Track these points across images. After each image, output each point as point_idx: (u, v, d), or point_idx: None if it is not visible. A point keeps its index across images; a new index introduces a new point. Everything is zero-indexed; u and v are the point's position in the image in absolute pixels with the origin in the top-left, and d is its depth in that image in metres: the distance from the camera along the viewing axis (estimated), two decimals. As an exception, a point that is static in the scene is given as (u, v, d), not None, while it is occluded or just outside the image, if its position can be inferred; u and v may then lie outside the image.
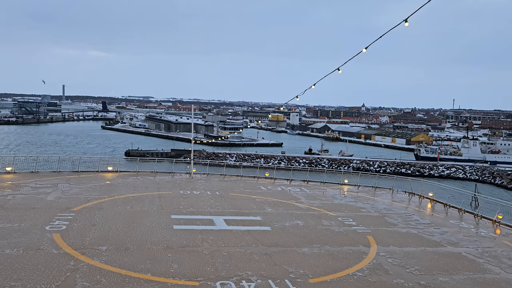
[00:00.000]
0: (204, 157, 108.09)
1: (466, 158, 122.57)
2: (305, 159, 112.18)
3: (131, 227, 18.29)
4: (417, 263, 15.93)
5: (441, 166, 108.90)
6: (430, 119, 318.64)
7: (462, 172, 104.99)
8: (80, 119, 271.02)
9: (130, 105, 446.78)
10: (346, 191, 32.46)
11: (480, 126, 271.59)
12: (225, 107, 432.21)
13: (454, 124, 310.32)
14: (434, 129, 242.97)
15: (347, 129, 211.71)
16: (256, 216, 21.77)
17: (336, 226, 20.84)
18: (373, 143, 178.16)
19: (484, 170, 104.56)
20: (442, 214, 25.94)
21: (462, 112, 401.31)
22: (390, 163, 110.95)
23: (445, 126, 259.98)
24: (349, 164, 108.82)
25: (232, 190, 29.08)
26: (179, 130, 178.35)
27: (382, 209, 25.94)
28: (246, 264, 14.62)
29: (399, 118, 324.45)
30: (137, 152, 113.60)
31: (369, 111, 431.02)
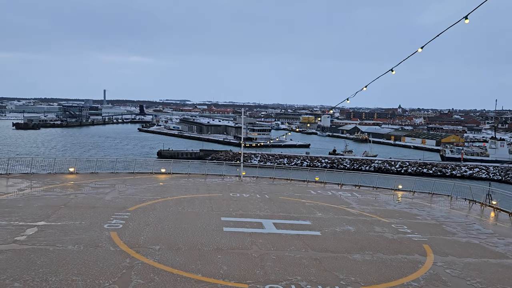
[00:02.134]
0: (230, 156, 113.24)
1: (493, 159, 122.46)
2: (327, 159, 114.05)
3: (182, 227, 18.76)
4: (478, 275, 14.91)
5: (464, 166, 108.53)
6: (467, 120, 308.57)
7: (486, 172, 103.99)
8: (119, 122, 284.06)
9: (166, 108, 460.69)
10: (400, 197, 31.21)
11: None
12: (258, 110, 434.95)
13: (493, 125, 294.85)
14: (471, 131, 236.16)
15: (377, 130, 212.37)
16: (305, 221, 21.50)
17: (389, 233, 20.06)
18: (403, 144, 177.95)
19: (508, 171, 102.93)
20: (507, 223, 24.16)
21: (506, 113, 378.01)
22: (412, 163, 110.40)
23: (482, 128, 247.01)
24: (371, 164, 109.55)
25: (281, 194, 28.98)
26: (210, 132, 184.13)
27: (440, 217, 24.63)
28: (295, 268, 14.44)
29: (434, 120, 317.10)
30: (168, 152, 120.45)
31: (405, 112, 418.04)
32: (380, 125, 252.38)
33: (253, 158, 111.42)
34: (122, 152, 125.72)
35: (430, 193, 33.11)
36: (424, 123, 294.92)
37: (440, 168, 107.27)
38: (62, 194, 24.60)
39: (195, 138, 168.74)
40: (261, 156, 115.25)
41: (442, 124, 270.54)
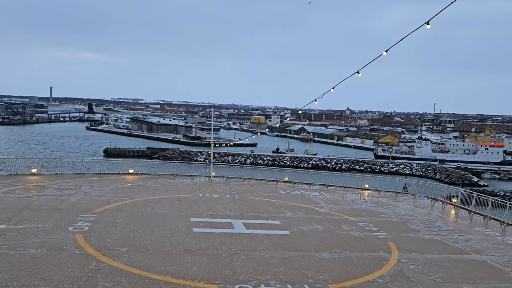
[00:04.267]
0: (177, 154, 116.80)
1: (419, 157, 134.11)
2: (269, 157, 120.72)
3: (151, 229, 18.49)
4: (440, 270, 15.54)
5: (392, 163, 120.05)
6: (406, 122, 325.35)
7: (410, 168, 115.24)
8: (66, 120, 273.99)
9: (117, 107, 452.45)
10: (366, 196, 32.00)
11: (452, 129, 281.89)
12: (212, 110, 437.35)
13: (429, 127, 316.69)
14: (408, 132, 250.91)
15: (322, 131, 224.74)
16: (275, 220, 21.68)
17: (356, 231, 20.55)
18: (344, 144, 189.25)
19: (428, 167, 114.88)
20: (466, 220, 25.27)
21: (442, 116, 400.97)
22: (346, 160, 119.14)
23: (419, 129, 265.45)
24: (309, 161, 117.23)
25: (251, 194, 29.08)
26: (161, 131, 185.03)
27: (404, 215, 25.45)
28: (265, 268, 14.56)
29: (377, 121, 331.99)
30: (115, 150, 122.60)
31: (353, 114, 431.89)
32: (326, 126, 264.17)
33: (198, 156, 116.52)
34: (70, 151, 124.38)
35: (395, 192, 34.14)
36: (368, 124, 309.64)
37: (370, 165, 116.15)
38: (24, 196, 23.67)
39: (144, 137, 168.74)
40: (207, 154, 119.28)
41: (383, 126, 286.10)
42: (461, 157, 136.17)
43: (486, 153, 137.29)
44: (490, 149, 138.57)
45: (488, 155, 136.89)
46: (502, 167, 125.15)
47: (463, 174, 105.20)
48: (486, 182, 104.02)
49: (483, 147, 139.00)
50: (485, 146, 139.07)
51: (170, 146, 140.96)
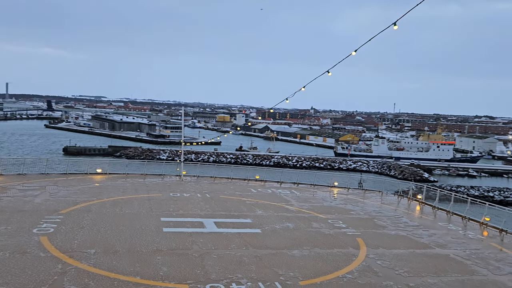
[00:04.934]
0: (139, 153, 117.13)
1: (376, 155, 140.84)
2: (232, 155, 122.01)
3: (120, 229, 18.13)
4: (406, 265, 16.05)
5: (350, 160, 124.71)
6: (367, 121, 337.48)
7: (367, 166, 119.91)
8: (24, 118, 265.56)
9: (79, 104, 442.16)
10: (336, 193, 32.59)
11: (410, 128, 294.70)
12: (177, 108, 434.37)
13: (389, 126, 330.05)
14: (369, 131, 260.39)
15: (286, 129, 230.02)
16: (246, 219, 21.74)
17: (326, 228, 20.91)
18: (307, 142, 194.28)
19: (384, 164, 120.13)
20: (430, 216, 26.18)
21: (401, 116, 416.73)
22: (307, 158, 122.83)
23: (378, 128, 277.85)
24: (271, 159, 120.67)
25: (222, 193, 29.01)
26: (123, 129, 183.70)
27: (372, 212, 26.10)
28: (236, 266, 14.58)
29: (339, 120, 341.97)
30: (74, 148, 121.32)
31: (317, 113, 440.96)
32: (290, 125, 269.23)
33: (161, 154, 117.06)
34: (28, 149, 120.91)
35: (363, 189, 34.94)
36: (330, 123, 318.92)
37: (330, 163, 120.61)
38: None
39: (106, 135, 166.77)
40: (170, 152, 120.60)
41: (345, 125, 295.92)
42: (415, 154, 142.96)
43: (438, 151, 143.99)
44: (441, 147, 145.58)
45: (440, 152, 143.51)
46: (452, 163, 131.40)
47: (415, 171, 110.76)
48: (436, 178, 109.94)
49: (435, 145, 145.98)
50: (436, 144, 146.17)
51: (133, 144, 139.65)
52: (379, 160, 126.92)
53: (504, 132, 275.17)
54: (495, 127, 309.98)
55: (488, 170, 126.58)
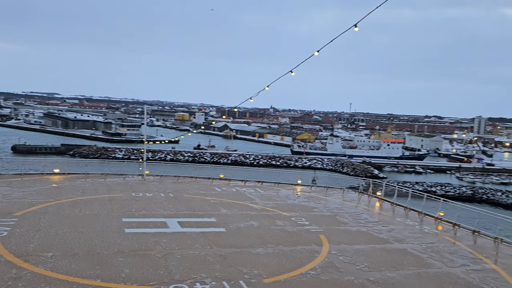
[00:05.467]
0: (94, 151, 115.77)
1: (330, 152, 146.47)
2: (190, 153, 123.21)
3: (79, 231, 17.54)
4: (366, 260, 16.55)
5: (305, 158, 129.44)
6: (324, 121, 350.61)
7: (321, 163, 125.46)
8: None
9: (29, 101, 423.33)
10: (299, 191, 33.06)
11: (364, 127, 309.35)
12: (135, 106, 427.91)
13: (345, 125, 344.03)
14: (326, 129, 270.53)
15: (245, 128, 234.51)
16: (210, 218, 21.65)
17: (289, 226, 21.18)
18: (265, 140, 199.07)
19: (337, 162, 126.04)
20: (389, 212, 27.12)
21: (357, 115, 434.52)
22: (264, 156, 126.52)
23: (334, 127, 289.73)
24: (228, 157, 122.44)
25: (186, 192, 28.71)
26: (77, 127, 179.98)
27: (334, 208, 26.70)
28: (200, 266, 14.50)
29: (298, 119, 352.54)
30: (24, 147, 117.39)
31: (276, 112, 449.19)
32: (249, 124, 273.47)
33: (117, 153, 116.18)
34: None
35: (325, 187, 35.67)
36: (289, 122, 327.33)
37: (286, 160, 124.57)
38: None
39: (59, 133, 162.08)
40: (126, 150, 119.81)
41: (303, 124, 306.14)
42: (367, 152, 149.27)
43: (388, 149, 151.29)
44: (391, 145, 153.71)
45: (390, 150, 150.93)
46: (400, 161, 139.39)
47: (366, 168, 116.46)
48: (385, 174, 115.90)
49: (385, 143, 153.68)
50: (387, 143, 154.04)
51: (87, 143, 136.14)
52: (333, 158, 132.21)
53: (450, 131, 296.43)
54: (442, 127, 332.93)
55: (433, 167, 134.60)
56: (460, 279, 15.28)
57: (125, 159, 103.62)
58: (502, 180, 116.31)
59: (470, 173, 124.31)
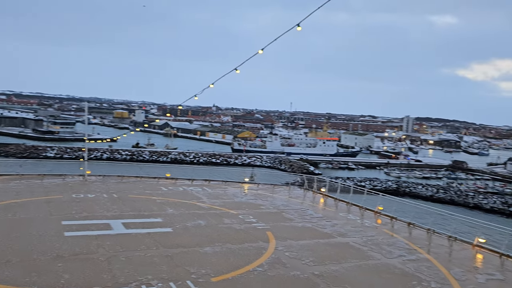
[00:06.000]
0: (22, 150, 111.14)
1: (270, 150, 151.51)
2: (128, 152, 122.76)
3: (13, 237, 16.43)
4: (311, 254, 17.08)
5: (245, 156, 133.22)
6: (265, 119, 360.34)
7: (260, 161, 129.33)
8: None
9: None
10: (246, 189, 33.30)
11: (304, 126, 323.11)
12: (70, 103, 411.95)
13: (285, 124, 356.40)
14: (267, 128, 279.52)
15: (186, 126, 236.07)
16: (156, 218, 21.20)
17: (237, 224, 21.30)
18: (206, 139, 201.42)
19: (276, 159, 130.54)
20: (333, 207, 28.13)
21: (297, 114, 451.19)
22: (204, 154, 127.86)
23: (275, 126, 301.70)
24: (168, 155, 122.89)
25: (131, 192, 27.85)
26: (5, 125, 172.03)
27: (280, 205, 27.21)
28: (146, 268, 14.17)
29: (240, 118, 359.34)
30: None
31: (219, 110, 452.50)
32: (191, 122, 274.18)
33: (48, 151, 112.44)
34: None
35: (272, 185, 36.22)
36: (231, 120, 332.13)
37: (226, 158, 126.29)
38: None
39: None
40: (58, 149, 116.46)
41: (245, 122, 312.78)
42: (304, 150, 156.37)
43: (324, 146, 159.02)
44: (327, 142, 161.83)
45: (325, 148, 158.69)
46: (335, 158, 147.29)
47: (303, 165, 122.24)
48: (321, 171, 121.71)
49: (321, 141, 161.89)
50: (322, 141, 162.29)
51: (15, 141, 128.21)
52: (272, 155, 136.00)
53: (382, 130, 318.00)
54: (375, 126, 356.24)
55: (364, 163, 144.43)
56: (398, 269, 16.24)
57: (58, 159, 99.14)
58: (424, 174, 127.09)
59: (396, 169, 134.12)
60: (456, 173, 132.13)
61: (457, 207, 78.00)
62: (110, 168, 36.21)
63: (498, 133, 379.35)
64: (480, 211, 77.91)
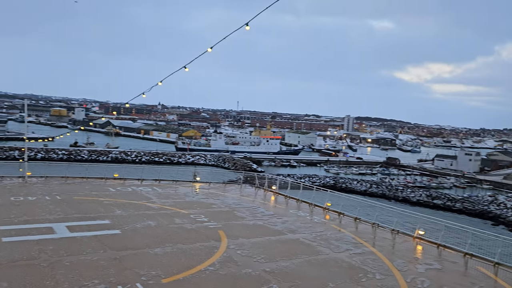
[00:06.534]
0: None
1: (214, 149, 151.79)
2: (64, 151, 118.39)
3: None
4: (262, 252, 17.29)
5: (189, 154, 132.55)
6: (212, 118, 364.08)
7: (204, 159, 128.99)
8: None
9: None
10: (198, 188, 33.02)
11: (250, 124, 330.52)
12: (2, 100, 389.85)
13: (231, 122, 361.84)
14: (213, 127, 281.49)
15: (129, 124, 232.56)
16: (104, 220, 20.46)
17: (188, 223, 21.08)
18: (150, 137, 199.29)
19: (220, 158, 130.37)
20: (283, 205, 28.63)
21: (244, 113, 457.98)
22: (146, 153, 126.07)
23: (222, 125, 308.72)
24: (108, 154, 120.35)
25: (76, 194, 26.63)
26: None
27: (232, 204, 27.27)
28: (92, 272, 13.65)
29: (186, 116, 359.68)
30: None
31: (165, 109, 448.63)
32: (135, 120, 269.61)
33: None
34: None
35: (223, 183, 36.20)
36: (177, 119, 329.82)
37: (169, 157, 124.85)
38: None
39: None
40: None
41: (191, 121, 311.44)
42: (248, 148, 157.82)
43: (267, 145, 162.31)
44: (270, 141, 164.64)
45: (269, 146, 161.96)
46: (278, 156, 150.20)
47: (246, 163, 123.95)
48: (264, 168, 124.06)
49: (265, 139, 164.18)
50: (266, 139, 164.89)
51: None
52: (216, 154, 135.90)
53: (325, 128, 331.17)
54: (318, 125, 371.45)
55: (306, 160, 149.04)
56: (345, 262, 16.88)
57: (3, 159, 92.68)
58: (360, 171, 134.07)
59: (335, 166, 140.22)
60: (390, 169, 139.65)
61: (389, 200, 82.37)
62: (53, 168, 34.29)
63: (429, 132, 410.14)
64: (408, 204, 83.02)
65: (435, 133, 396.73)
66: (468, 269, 17.35)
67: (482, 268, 17.39)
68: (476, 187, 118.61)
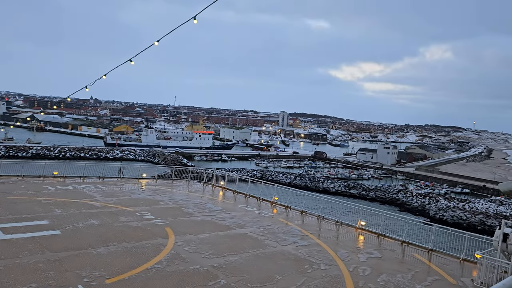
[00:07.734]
0: None
1: (145, 144, 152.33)
2: None
3: None
4: (211, 247, 17.26)
5: (117, 150, 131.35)
6: (147, 113, 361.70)
7: (133, 154, 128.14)
8: None
9: None
10: (144, 185, 32.16)
11: (186, 120, 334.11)
12: None
13: (167, 118, 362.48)
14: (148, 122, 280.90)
15: (56, 119, 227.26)
16: (42, 220, 19.32)
17: (134, 221, 20.51)
18: (79, 132, 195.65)
19: (150, 153, 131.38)
20: (231, 200, 28.73)
21: (181, 108, 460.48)
22: (71, 148, 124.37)
23: (157, 120, 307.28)
24: (28, 150, 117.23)
25: (10, 193, 24.84)
26: None
27: (179, 200, 26.89)
28: (29, 276, 12.88)
29: (119, 111, 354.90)
30: None
31: (98, 103, 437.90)
32: (63, 115, 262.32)
33: None
34: None
35: (171, 179, 35.56)
36: (109, 114, 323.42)
37: (96, 152, 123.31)
38: None
39: None
40: None
41: (125, 116, 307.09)
42: (180, 143, 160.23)
43: (200, 140, 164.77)
44: (203, 136, 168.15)
45: (201, 141, 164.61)
46: (210, 150, 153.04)
47: (176, 157, 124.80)
48: (195, 163, 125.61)
49: (197, 134, 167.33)
50: (199, 134, 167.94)
51: None
52: (147, 149, 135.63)
53: (261, 124, 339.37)
54: (255, 120, 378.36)
55: (237, 155, 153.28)
56: (292, 255, 17.32)
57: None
58: (289, 164, 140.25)
59: (266, 160, 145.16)
60: (316, 162, 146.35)
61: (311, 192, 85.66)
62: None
63: (359, 127, 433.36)
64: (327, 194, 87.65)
65: (363, 129, 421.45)
66: (405, 256, 18.54)
67: (418, 254, 18.68)
68: (392, 177, 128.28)
